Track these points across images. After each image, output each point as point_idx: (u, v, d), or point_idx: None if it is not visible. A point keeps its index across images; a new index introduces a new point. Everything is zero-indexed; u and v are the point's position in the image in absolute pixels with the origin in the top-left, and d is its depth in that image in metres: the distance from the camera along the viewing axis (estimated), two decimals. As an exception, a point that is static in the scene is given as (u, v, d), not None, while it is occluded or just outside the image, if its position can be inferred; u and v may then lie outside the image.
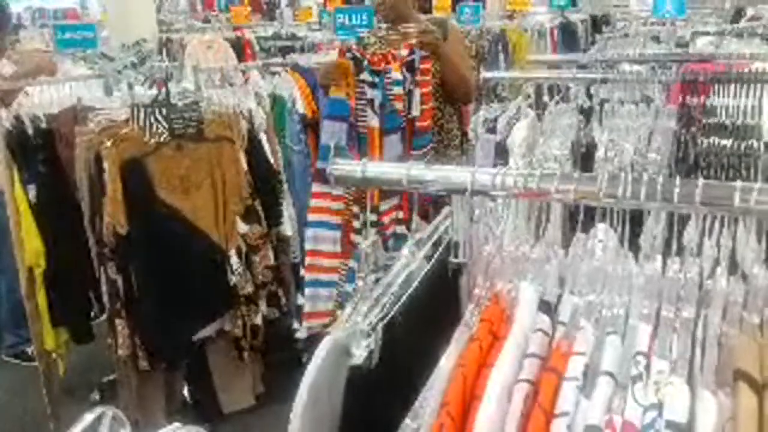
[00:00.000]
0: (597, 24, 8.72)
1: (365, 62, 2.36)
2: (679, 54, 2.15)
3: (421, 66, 2.31)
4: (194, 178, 1.98)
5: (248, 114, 2.33)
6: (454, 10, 7.72)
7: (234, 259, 2.10)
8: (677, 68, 2.33)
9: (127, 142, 1.87)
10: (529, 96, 1.74)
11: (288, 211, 2.42)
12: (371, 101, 2.33)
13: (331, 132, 2.33)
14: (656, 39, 4.07)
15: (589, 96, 1.95)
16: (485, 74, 1.72)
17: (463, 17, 5.64)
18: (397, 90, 2.32)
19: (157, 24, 6.60)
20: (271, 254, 2.27)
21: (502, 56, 5.73)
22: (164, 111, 1.91)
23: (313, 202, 2.40)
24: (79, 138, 1.97)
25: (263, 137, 2.42)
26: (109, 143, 1.85)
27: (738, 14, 7.94)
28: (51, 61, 2.96)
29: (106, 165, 1.84)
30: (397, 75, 2.31)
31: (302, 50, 3.85)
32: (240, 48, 6.08)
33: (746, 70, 1.55)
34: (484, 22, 5.79)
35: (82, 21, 11.95)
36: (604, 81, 1.65)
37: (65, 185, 2.10)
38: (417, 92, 2.30)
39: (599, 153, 1.49)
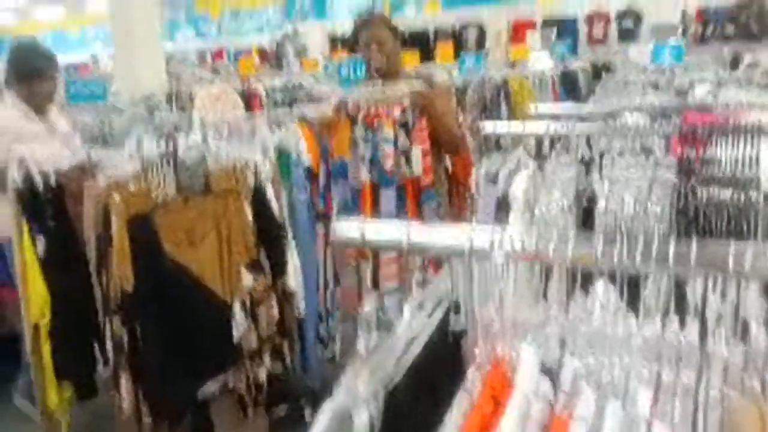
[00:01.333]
0: (597, 72, 8.88)
1: (359, 119, 2.49)
2: (677, 103, 2.18)
3: (417, 125, 2.40)
4: (200, 230, 2.00)
5: (254, 166, 2.37)
6: (456, 58, 7.91)
7: (238, 313, 2.10)
8: (676, 118, 2.37)
9: (135, 198, 1.90)
10: (525, 150, 1.77)
11: (293, 262, 2.43)
12: (363, 157, 2.46)
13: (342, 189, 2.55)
14: (655, 86, 4.14)
15: (589, 146, 1.99)
16: (486, 126, 1.75)
17: (465, 67, 5.76)
18: (388, 148, 2.41)
19: (166, 75, 6.76)
20: (275, 307, 2.27)
21: (504, 105, 5.82)
22: (172, 166, 1.94)
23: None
24: (87, 193, 2.00)
25: (269, 188, 2.45)
26: (117, 199, 1.88)
27: (736, 60, 8.08)
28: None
29: (113, 220, 1.86)
30: (388, 133, 2.41)
31: (309, 101, 3.92)
32: (248, 99, 6.21)
33: (744, 120, 1.57)
34: (486, 72, 5.90)
35: (93, 74, 12.27)
36: (603, 133, 1.67)
37: (73, 240, 2.12)
38: (416, 150, 2.38)
39: (599, 205, 1.50)
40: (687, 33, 10.31)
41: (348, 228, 0.72)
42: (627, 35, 11.06)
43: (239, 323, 2.15)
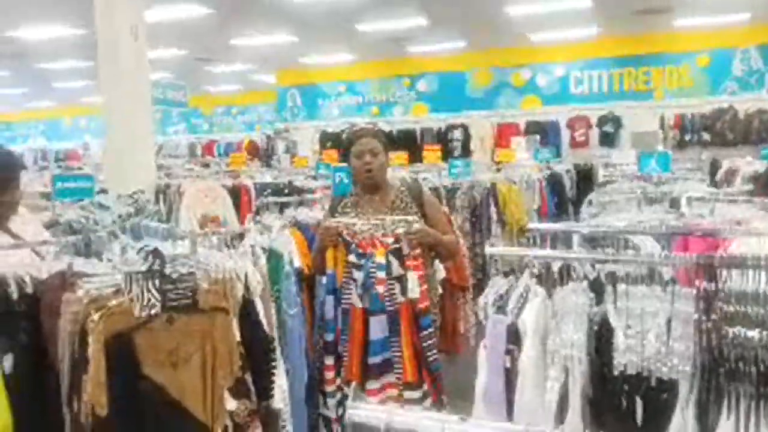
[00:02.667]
0: (580, 174, 9.08)
1: (353, 245, 2.55)
2: (683, 228, 2.14)
3: (412, 253, 2.47)
4: (183, 351, 1.86)
5: (244, 278, 2.26)
6: (443, 160, 8.06)
7: (220, 441, 1.92)
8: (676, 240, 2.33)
9: (116, 316, 1.77)
10: (535, 274, 1.69)
11: (279, 380, 2.27)
12: (355, 281, 2.51)
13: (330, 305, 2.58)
14: (645, 196, 4.16)
15: (592, 266, 1.92)
16: (490, 250, 1.69)
17: (455, 170, 5.83)
18: (380, 274, 2.45)
19: (155, 167, 6.75)
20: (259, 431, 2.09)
21: (492, 206, 5.84)
22: (157, 282, 1.83)
23: (328, 375, 2.62)
24: (65, 307, 1.87)
25: (258, 302, 2.33)
26: (96, 317, 1.75)
27: (714, 166, 8.33)
28: None
29: (90, 341, 1.73)
30: (380, 260, 2.46)
31: (300, 204, 3.88)
32: (237, 195, 6.19)
33: (757, 252, 1.51)
34: (474, 176, 5.97)
35: (82, 162, 12.32)
36: (615, 262, 1.60)
37: (46, 358, 1.96)
38: (412, 275, 2.42)
39: (618, 341, 1.41)
40: (666, 139, 10.67)
41: (369, 415, 0.62)
42: (607, 140, 11.44)
43: (220, 452, 1.96)
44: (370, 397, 2.40)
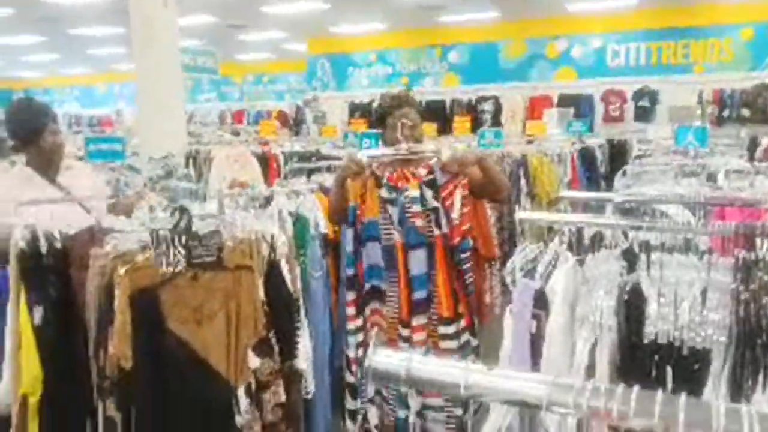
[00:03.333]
0: (614, 149, 8.87)
1: (384, 179, 2.44)
2: (721, 198, 2.06)
3: (448, 184, 2.38)
4: (208, 309, 1.87)
5: (270, 239, 2.26)
6: (473, 132, 7.94)
7: (243, 398, 1.93)
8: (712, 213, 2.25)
9: (141, 271, 1.78)
10: (574, 234, 1.64)
11: (304, 343, 2.28)
12: (391, 217, 2.40)
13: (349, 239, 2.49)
14: (681, 168, 4.04)
15: (625, 235, 1.86)
16: (521, 214, 1.64)
17: (485, 141, 5.74)
18: (416, 208, 2.35)
19: (186, 133, 6.81)
20: (282, 391, 2.10)
21: (523, 180, 5.76)
22: (183, 239, 1.83)
23: (349, 311, 2.52)
24: (92, 262, 1.89)
25: (283, 263, 2.33)
26: (122, 271, 1.77)
27: (753, 143, 8.06)
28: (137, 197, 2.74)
29: (116, 295, 1.74)
30: (414, 192, 2.36)
31: (328, 170, 3.86)
32: (266, 163, 6.20)
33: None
34: (505, 147, 5.87)
35: (115, 128, 12.49)
36: (649, 229, 1.55)
37: (74, 312, 1.99)
38: (458, 194, 2.37)
39: (650, 308, 1.36)
40: (704, 115, 10.35)
41: (390, 362, 0.59)
42: (643, 115, 11.13)
43: (243, 409, 1.98)
44: (415, 334, 2.35)
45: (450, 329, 2.36)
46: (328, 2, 10.09)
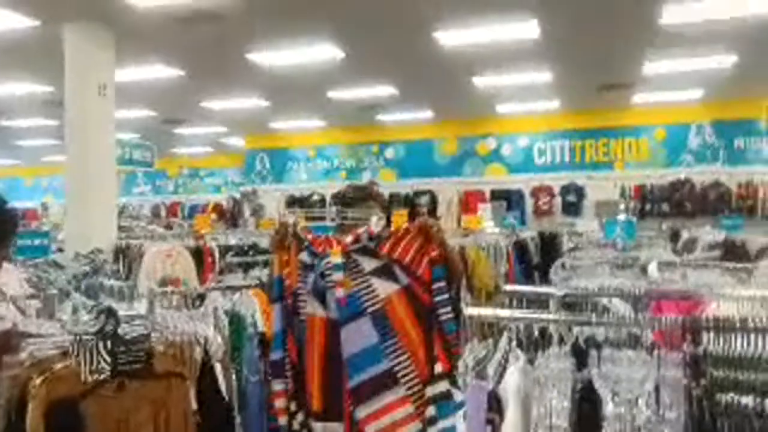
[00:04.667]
0: (546, 241, 9.17)
1: (306, 242, 2.19)
2: (660, 292, 2.10)
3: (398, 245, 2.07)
4: (134, 422, 1.70)
5: (204, 341, 2.12)
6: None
7: None
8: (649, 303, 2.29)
9: (61, 381, 1.62)
10: (519, 330, 1.62)
11: (239, 453, 2.10)
12: (308, 286, 2.13)
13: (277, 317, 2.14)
14: (614, 261, 4.17)
15: (569, 330, 1.85)
16: (470, 311, 1.61)
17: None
18: (337, 276, 2.07)
19: (117, 229, 6.56)
20: None
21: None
22: (109, 344, 1.69)
23: (278, 404, 2.12)
24: (5, 372, 1.71)
25: (218, 367, 2.19)
26: (38, 381, 1.60)
27: (675, 235, 8.51)
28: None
29: (30, 408, 1.56)
30: (336, 260, 2.08)
31: (266, 264, 3.75)
32: (201, 257, 6.01)
33: (722, 310, 1.46)
34: (444, 240, 5.94)
35: (40, 222, 11.96)
36: (598, 324, 1.54)
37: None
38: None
39: (607, 409, 1.32)
40: (628, 209, 10.93)
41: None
42: (571, 208, 11.66)
43: None
44: (368, 425, 1.93)
45: (439, 387, 1.89)
46: (268, 100, 10.30)
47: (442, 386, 1.84)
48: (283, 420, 2.11)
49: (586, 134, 11.87)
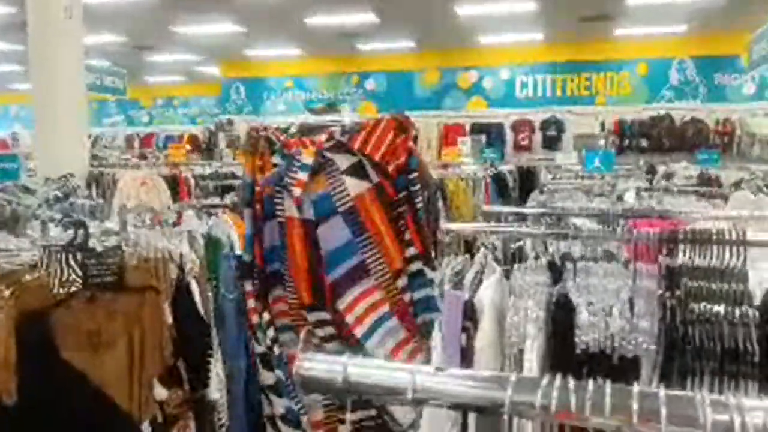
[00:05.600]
0: (524, 176, 9.20)
1: (277, 144, 2.18)
2: (636, 210, 2.11)
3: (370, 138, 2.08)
4: (107, 334, 1.68)
5: (179, 257, 2.10)
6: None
7: (148, 433, 1.75)
8: (626, 223, 2.30)
9: (30, 292, 1.58)
10: (495, 248, 1.61)
11: (216, 371, 2.11)
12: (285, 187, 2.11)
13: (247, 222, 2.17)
14: (587, 192, 4.19)
15: (545, 248, 1.85)
16: (448, 225, 1.59)
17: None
18: (301, 176, 2.07)
19: (90, 158, 6.40)
20: (192, 424, 1.93)
21: (440, 203, 5.81)
22: (79, 256, 1.65)
23: (250, 303, 2.21)
24: (-29, 285, 1.66)
25: (194, 284, 2.17)
26: (6, 293, 1.56)
27: (651, 170, 8.59)
28: None
29: (-1, 319, 1.53)
30: (307, 160, 2.08)
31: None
32: (176, 185, 5.92)
33: (719, 228, 1.47)
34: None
35: (11, 152, 11.64)
36: (574, 237, 1.53)
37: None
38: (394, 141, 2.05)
39: (581, 318, 1.33)
40: (607, 144, 10.95)
41: (323, 368, 0.50)
42: (550, 143, 11.64)
43: (148, 446, 1.79)
44: (348, 314, 2.04)
45: (405, 280, 2.07)
46: (243, 25, 9.94)
47: (415, 266, 1.99)
48: (255, 319, 2.20)
49: (568, 68, 11.73)
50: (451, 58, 12.11)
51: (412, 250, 2.04)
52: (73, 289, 1.64)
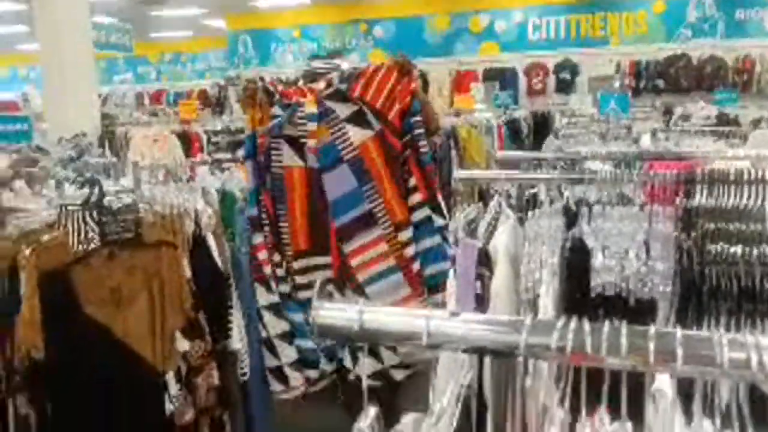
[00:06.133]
0: (538, 121, 9.06)
1: (276, 95, 2.17)
2: (652, 152, 2.07)
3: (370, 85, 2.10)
4: (128, 290, 1.71)
5: (194, 213, 2.11)
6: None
7: (172, 384, 1.80)
8: (642, 166, 2.27)
9: (50, 251, 1.61)
10: (509, 196, 1.60)
11: (237, 321, 2.15)
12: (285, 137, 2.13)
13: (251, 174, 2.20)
14: (602, 136, 4.13)
15: (560, 194, 1.84)
16: (460, 173, 1.58)
17: (415, 113, 5.69)
18: (311, 126, 2.08)
19: (101, 117, 6.40)
20: (215, 374, 1.98)
21: (453, 152, 5.76)
22: (96, 214, 1.67)
23: (260, 256, 2.26)
24: (-8, 245, 1.69)
25: (210, 238, 2.19)
26: (27, 252, 1.59)
27: (668, 112, 8.42)
28: None
29: (22, 278, 1.56)
30: (311, 109, 2.08)
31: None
32: (188, 142, 5.92)
33: (740, 169, 1.44)
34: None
35: (22, 114, 11.65)
36: (590, 181, 1.52)
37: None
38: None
39: (596, 261, 1.33)
40: (622, 86, 10.71)
41: (339, 315, 0.50)
42: (564, 86, 11.40)
43: (173, 395, 1.85)
44: (353, 259, 2.07)
45: (407, 233, 2.08)
46: (248, -25, 9.72)
47: (422, 213, 2.00)
48: (267, 270, 2.24)
49: (581, 8, 11.37)
50: (462, 1, 11.78)
51: (416, 197, 2.05)
52: (92, 246, 1.66)
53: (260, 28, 13.08)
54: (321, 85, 2.12)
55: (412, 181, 2.05)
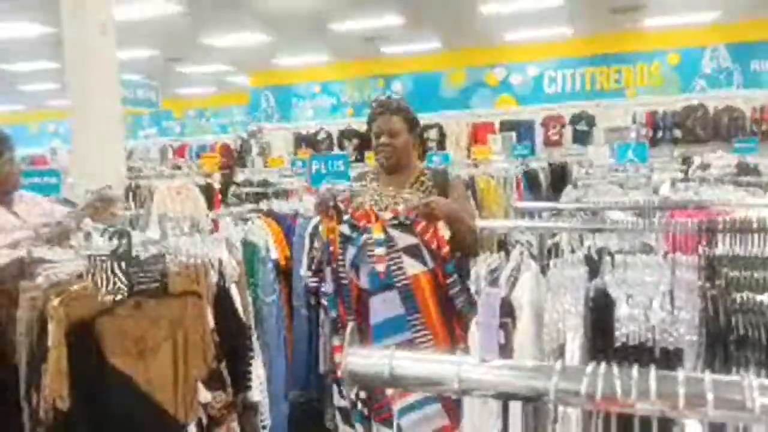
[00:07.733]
0: (555, 171, 9.09)
1: (347, 215, 2.30)
2: (673, 201, 2.08)
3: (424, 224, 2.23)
4: (152, 340, 1.73)
5: (218, 264, 2.14)
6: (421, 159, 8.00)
7: (194, 436, 1.79)
8: (662, 215, 2.27)
9: (78, 301, 1.64)
10: (530, 245, 1.61)
11: (257, 373, 2.15)
12: (347, 257, 2.24)
13: (329, 279, 2.33)
14: (621, 186, 4.13)
15: (581, 242, 1.84)
16: (480, 223, 1.59)
17: (432, 165, 5.76)
18: (379, 251, 2.18)
19: (126, 170, 6.56)
20: (236, 426, 1.97)
21: (471, 203, 5.79)
22: (124, 264, 1.70)
23: (338, 359, 2.31)
24: (22, 296, 1.73)
25: (233, 288, 2.21)
26: (56, 302, 1.62)
27: (686, 162, 8.40)
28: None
29: (50, 328, 1.59)
30: (378, 235, 2.18)
31: (275, 196, 3.75)
32: (210, 194, 6.02)
33: (740, 217, 1.44)
34: (453, 170, 5.90)
35: (49, 168, 11.98)
36: (611, 230, 1.52)
37: (2, 353, 1.81)
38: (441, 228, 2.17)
39: (621, 311, 1.32)
40: (638, 136, 10.75)
41: (370, 362, 0.51)
42: (581, 137, 11.47)
43: (194, 448, 1.83)
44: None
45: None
46: (271, 34, 10.07)
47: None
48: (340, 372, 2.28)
49: (597, 61, 11.57)
50: (478, 57, 12.06)
51: (461, 345, 2.04)
52: (119, 297, 1.69)
53: (282, 84, 13.46)
54: (387, 215, 2.24)
55: (456, 330, 2.15)
